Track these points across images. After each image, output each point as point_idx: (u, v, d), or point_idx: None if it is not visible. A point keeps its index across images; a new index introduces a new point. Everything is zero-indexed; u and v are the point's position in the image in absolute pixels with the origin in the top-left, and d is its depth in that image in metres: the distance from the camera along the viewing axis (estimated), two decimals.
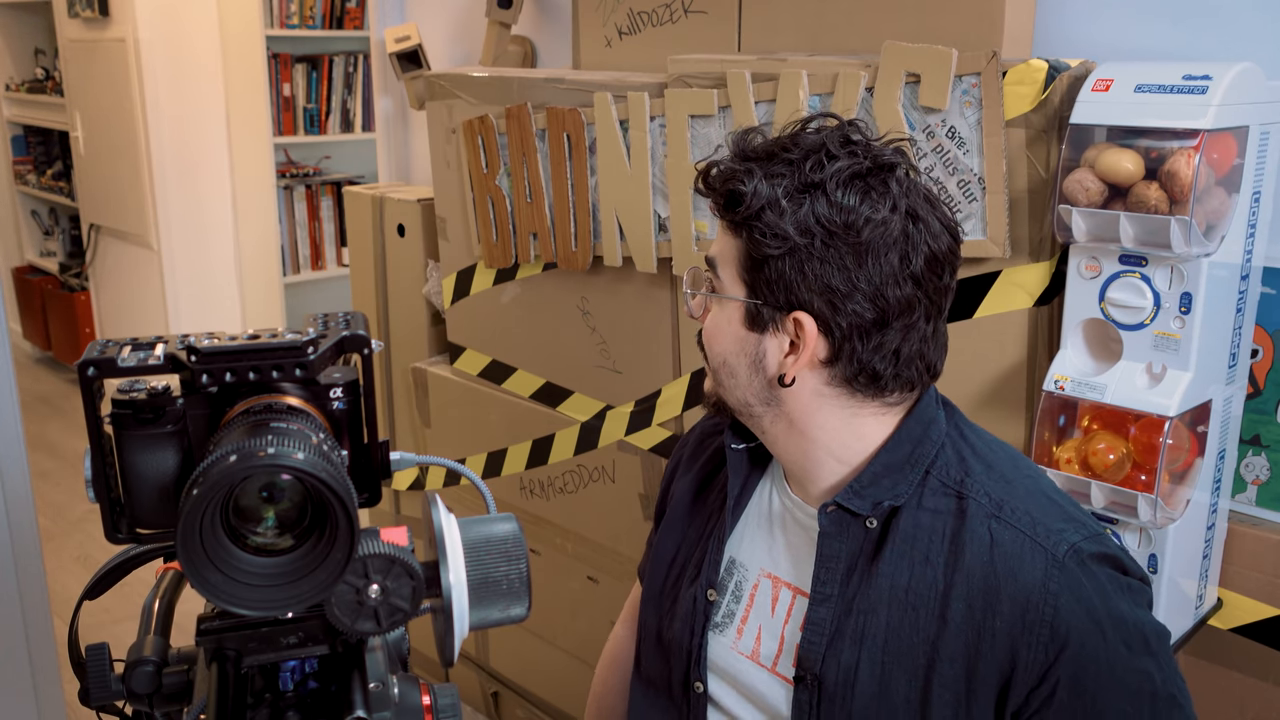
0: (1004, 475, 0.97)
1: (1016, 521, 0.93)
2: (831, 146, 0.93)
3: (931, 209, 0.95)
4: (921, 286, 0.93)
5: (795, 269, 0.92)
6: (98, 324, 4.65)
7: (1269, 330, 1.31)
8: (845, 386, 0.97)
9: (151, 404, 0.65)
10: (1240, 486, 1.35)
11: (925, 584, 0.94)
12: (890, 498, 0.97)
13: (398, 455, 0.75)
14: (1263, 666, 1.32)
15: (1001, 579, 0.91)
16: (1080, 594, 0.90)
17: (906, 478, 0.97)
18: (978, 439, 1.01)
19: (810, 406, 0.98)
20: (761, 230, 0.93)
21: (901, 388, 0.97)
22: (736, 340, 0.98)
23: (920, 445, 0.98)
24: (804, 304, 0.93)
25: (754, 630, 1.06)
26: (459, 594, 0.68)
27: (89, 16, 4.02)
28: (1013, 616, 0.90)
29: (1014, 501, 0.94)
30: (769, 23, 1.61)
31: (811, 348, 0.94)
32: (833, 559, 0.99)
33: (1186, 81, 1.14)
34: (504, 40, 2.08)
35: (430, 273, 2.20)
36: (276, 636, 0.68)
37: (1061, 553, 0.91)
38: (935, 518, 0.96)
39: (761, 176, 0.93)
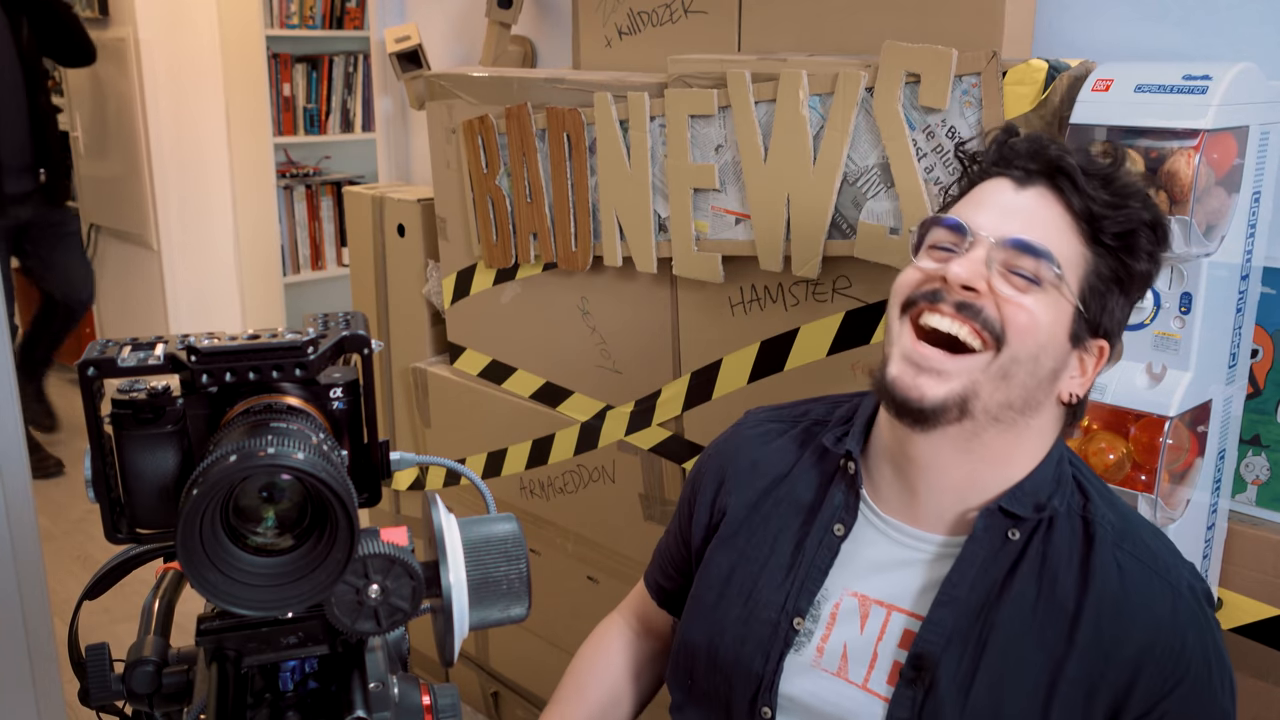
0: (1113, 504, 0.99)
1: (1138, 553, 0.95)
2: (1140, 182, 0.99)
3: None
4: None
5: (1122, 297, 0.96)
6: (98, 324, 4.64)
7: (1269, 330, 1.31)
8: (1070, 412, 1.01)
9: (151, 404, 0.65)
10: (1240, 486, 1.35)
11: (1054, 603, 0.94)
12: (1045, 509, 0.97)
13: (398, 455, 0.75)
14: (1263, 666, 1.32)
15: (1135, 607, 0.92)
16: (1201, 630, 0.93)
17: (1059, 492, 0.98)
18: (1083, 466, 1.03)
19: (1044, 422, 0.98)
20: (1128, 251, 0.95)
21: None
22: (1055, 344, 0.94)
23: (1060, 465, 1.00)
24: (1112, 333, 0.97)
25: (838, 648, 1.02)
26: (459, 594, 0.68)
27: (89, 16, 4.02)
28: (1143, 643, 0.91)
29: (1132, 532, 0.96)
30: (769, 23, 1.61)
31: (1097, 373, 0.98)
32: (969, 563, 0.97)
33: (1186, 81, 1.14)
34: (504, 40, 2.08)
35: (430, 273, 2.20)
36: (276, 636, 0.68)
37: (1183, 589, 0.93)
38: (1065, 539, 0.96)
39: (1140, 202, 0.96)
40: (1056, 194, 0.95)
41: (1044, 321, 0.93)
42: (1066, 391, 0.97)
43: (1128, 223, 0.94)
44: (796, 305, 1.55)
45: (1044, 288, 0.93)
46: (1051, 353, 0.94)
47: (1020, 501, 0.97)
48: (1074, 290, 0.94)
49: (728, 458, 1.16)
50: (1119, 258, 0.95)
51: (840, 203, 1.46)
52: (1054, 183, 0.96)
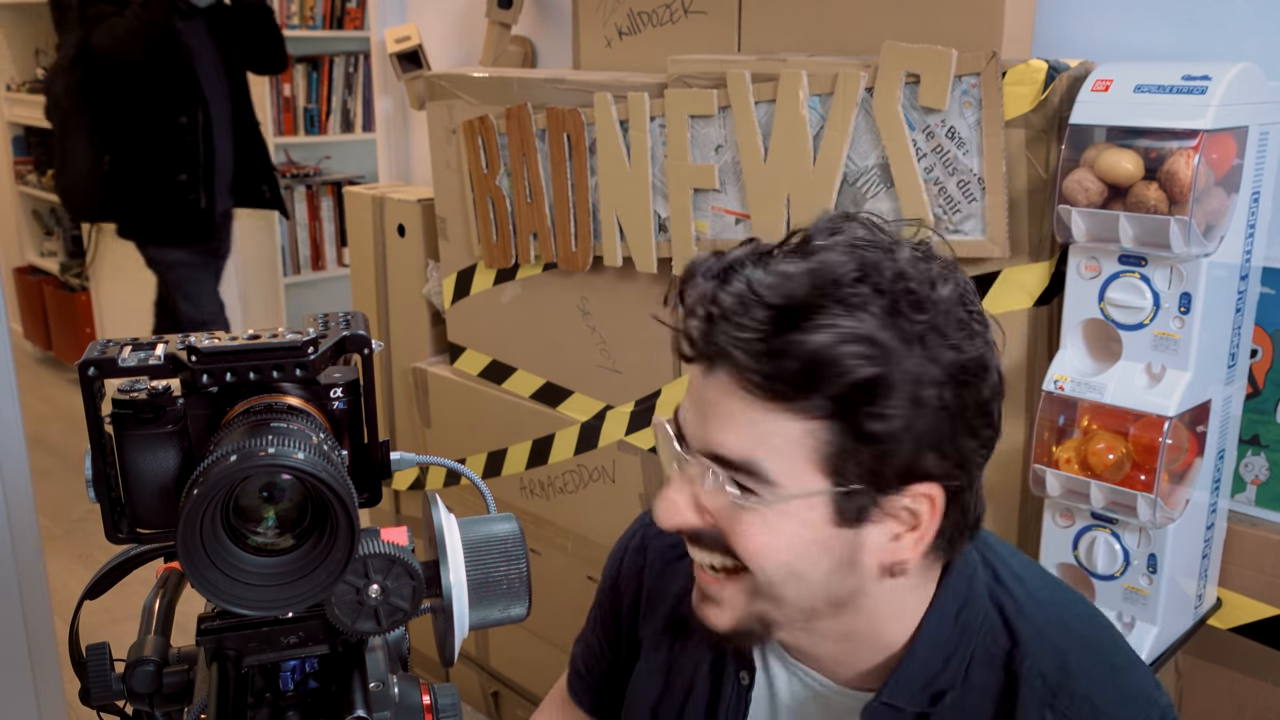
0: (1054, 642, 0.81)
1: (1074, 711, 0.78)
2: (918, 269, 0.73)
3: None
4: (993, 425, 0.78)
5: (912, 440, 0.71)
6: (98, 324, 4.64)
7: (1268, 330, 1.31)
8: (938, 555, 0.80)
9: (152, 404, 0.65)
10: (1240, 486, 1.36)
11: None
12: (945, 683, 0.81)
13: (398, 455, 0.75)
14: (1262, 666, 1.32)
15: None
16: None
17: (957, 653, 0.81)
18: (1013, 580, 0.84)
19: (900, 592, 0.80)
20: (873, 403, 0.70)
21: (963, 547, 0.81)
22: (812, 543, 0.75)
23: (967, 607, 0.82)
24: (931, 475, 0.73)
25: None
26: (459, 594, 0.68)
27: None
28: None
29: (1071, 685, 0.79)
30: (769, 23, 1.61)
31: (938, 513, 0.75)
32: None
33: (1186, 82, 1.14)
34: (504, 40, 2.08)
35: (430, 273, 2.20)
36: (277, 636, 0.68)
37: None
38: (984, 700, 0.81)
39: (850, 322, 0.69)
40: (736, 377, 0.73)
41: (773, 538, 0.75)
42: (886, 563, 0.77)
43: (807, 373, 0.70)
44: None
45: (765, 500, 0.74)
46: (819, 551, 0.75)
47: (905, 690, 0.81)
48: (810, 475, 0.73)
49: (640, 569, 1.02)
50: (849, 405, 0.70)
51: (840, 203, 1.46)
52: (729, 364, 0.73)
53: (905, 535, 0.76)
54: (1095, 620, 0.86)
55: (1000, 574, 0.84)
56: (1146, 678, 0.83)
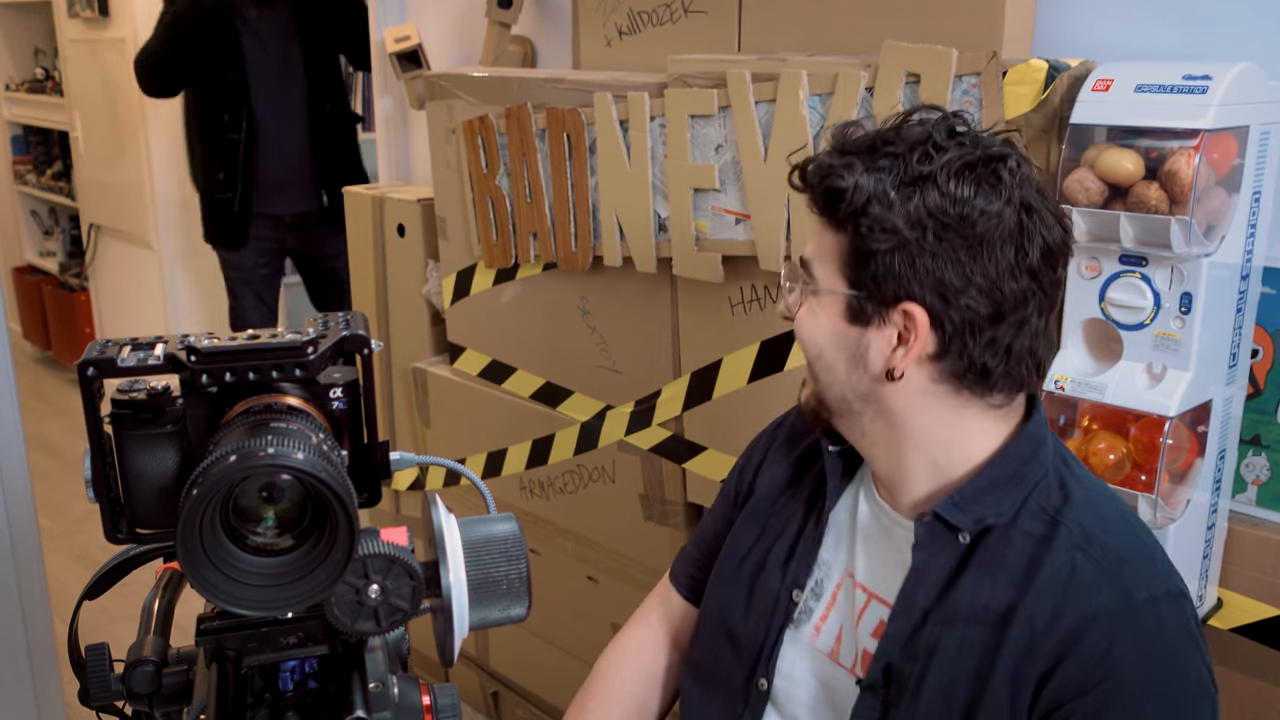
0: (1101, 511, 0.94)
1: (1102, 558, 0.90)
2: (938, 137, 0.91)
3: (1044, 200, 0.92)
4: (1037, 279, 0.91)
5: (905, 263, 0.89)
6: (98, 324, 4.65)
7: (1269, 330, 1.31)
8: (952, 383, 0.93)
9: (151, 404, 0.65)
10: (1240, 486, 1.35)
11: (1002, 603, 0.92)
12: (993, 515, 0.94)
13: (398, 455, 0.75)
14: (1263, 666, 1.32)
15: (1067, 607, 0.89)
16: (1142, 643, 0.88)
17: (1010, 496, 0.94)
18: (1082, 472, 0.98)
19: (915, 404, 0.95)
20: (869, 224, 0.90)
21: (1010, 387, 0.94)
22: (835, 334, 0.95)
23: (1028, 465, 0.95)
24: (915, 297, 0.90)
25: (834, 629, 1.04)
26: (459, 594, 0.68)
27: (89, 16, 4.02)
28: (1065, 639, 0.88)
29: (1105, 539, 0.91)
30: (769, 23, 1.61)
31: (923, 340, 0.91)
32: (923, 571, 0.96)
33: (1186, 81, 1.14)
34: (504, 40, 2.08)
35: (430, 273, 2.20)
36: (276, 636, 0.68)
37: (1140, 598, 0.89)
38: (1026, 540, 0.93)
39: (863, 170, 0.90)
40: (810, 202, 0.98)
41: (814, 322, 0.97)
42: (885, 367, 0.94)
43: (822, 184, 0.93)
44: None
45: (809, 293, 0.97)
46: (837, 342, 0.95)
47: (961, 510, 0.94)
48: (837, 278, 0.94)
49: (774, 436, 1.19)
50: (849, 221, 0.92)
51: None
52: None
53: (899, 346, 0.93)
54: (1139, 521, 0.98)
55: (1069, 461, 0.98)
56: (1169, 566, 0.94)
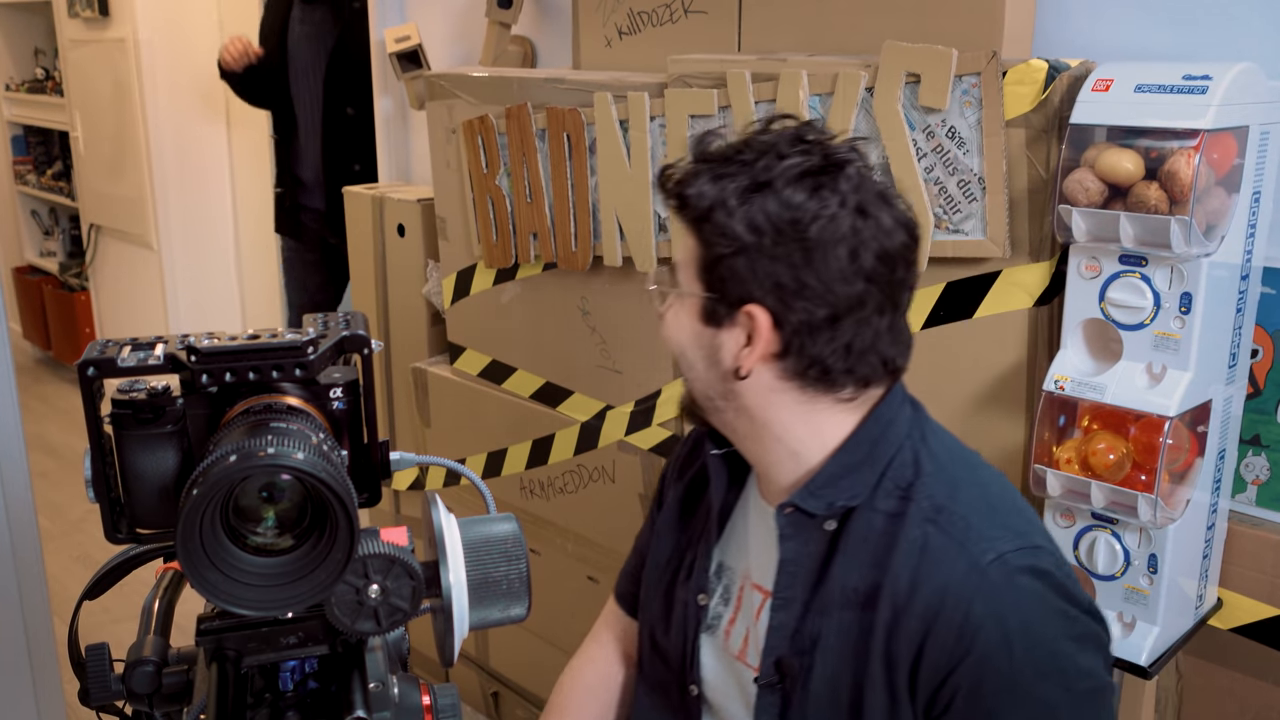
0: (953, 479, 0.96)
1: (950, 527, 0.92)
2: (783, 146, 0.94)
3: (885, 205, 0.94)
4: (872, 282, 0.93)
5: (747, 267, 0.93)
6: (98, 324, 4.65)
7: (1269, 330, 1.31)
8: (797, 380, 0.96)
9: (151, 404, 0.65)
10: (1240, 486, 1.35)
11: (864, 586, 0.94)
12: (846, 498, 0.97)
13: (398, 455, 0.75)
14: (1263, 666, 1.32)
15: (922, 580, 0.91)
16: (995, 603, 0.89)
17: (863, 478, 0.97)
18: (939, 443, 1.00)
19: (765, 401, 0.98)
20: (713, 230, 0.94)
21: (855, 383, 0.97)
22: (693, 334, 0.99)
23: (878, 445, 0.97)
24: (756, 299, 0.93)
25: (741, 632, 1.07)
26: (459, 594, 0.68)
27: (89, 16, 4.02)
28: (926, 615, 0.90)
29: (954, 507, 0.93)
30: (769, 23, 1.61)
31: (764, 341, 0.94)
32: (793, 562, 0.99)
33: (1186, 81, 1.14)
34: (504, 40, 2.08)
35: (430, 273, 2.20)
36: (276, 636, 0.68)
37: (986, 560, 0.90)
38: (882, 519, 0.95)
39: (710, 178, 0.94)
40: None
41: (677, 323, 1.01)
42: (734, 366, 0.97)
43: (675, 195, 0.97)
44: None
45: (671, 295, 1.01)
46: (695, 342, 0.99)
47: (814, 497, 0.97)
48: (694, 281, 0.97)
49: (680, 452, 1.22)
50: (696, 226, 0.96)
51: None
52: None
53: (746, 346, 0.95)
54: (996, 480, 1.00)
55: (927, 434, 1.00)
56: (1024, 522, 0.95)
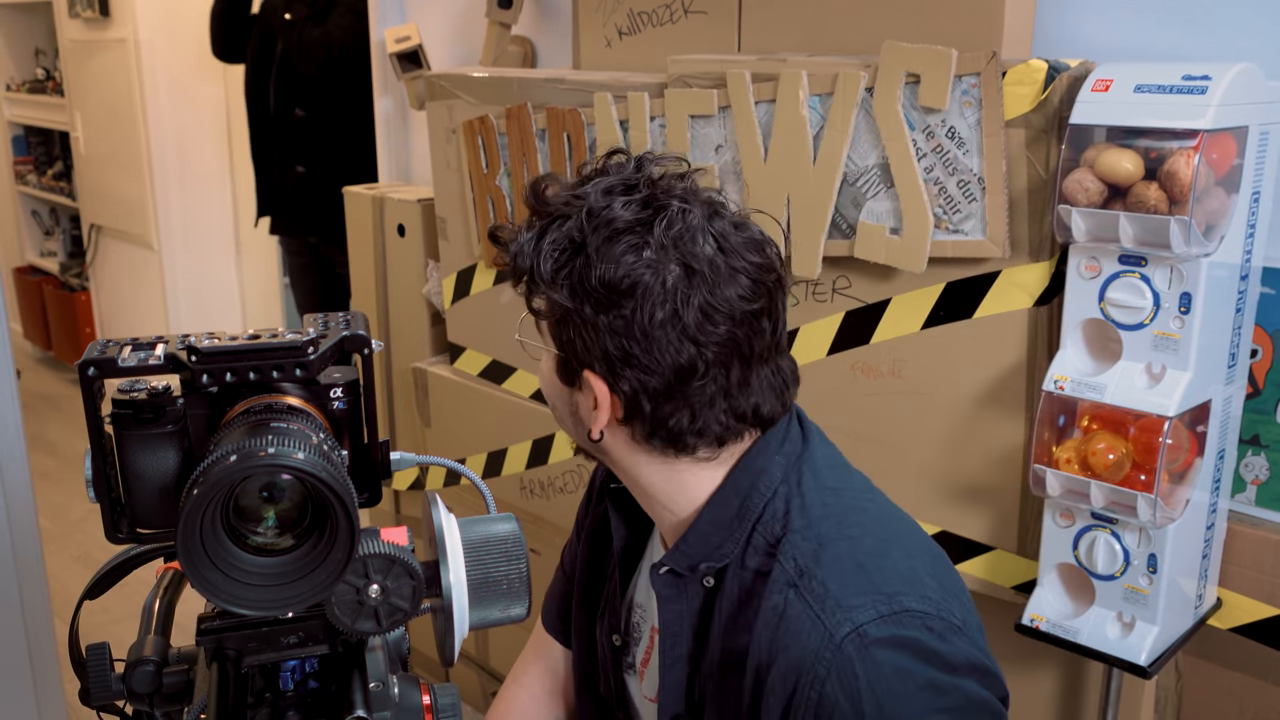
0: (821, 535, 0.88)
1: (810, 593, 0.84)
2: (595, 197, 0.87)
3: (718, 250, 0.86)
4: (701, 344, 0.85)
5: (576, 333, 0.87)
6: (98, 324, 4.65)
7: (1268, 330, 1.31)
8: (647, 444, 0.91)
9: (152, 404, 0.65)
10: (1240, 486, 1.36)
11: (740, 647, 0.88)
12: (716, 558, 0.91)
13: (398, 455, 0.75)
14: (1263, 666, 1.32)
15: (779, 652, 0.84)
16: (849, 682, 0.81)
17: (733, 535, 0.90)
18: (815, 487, 0.91)
19: (627, 461, 0.93)
20: (540, 295, 0.89)
21: (709, 444, 0.90)
22: (555, 390, 0.95)
23: (748, 498, 0.91)
24: (590, 366, 0.88)
25: (653, 674, 1.01)
26: (459, 594, 0.68)
27: (89, 16, 4.02)
28: (783, 691, 0.83)
29: (816, 569, 0.85)
30: (769, 23, 1.61)
31: (606, 406, 0.89)
32: (675, 623, 0.94)
33: (1186, 81, 1.14)
34: (504, 40, 2.08)
35: (430, 273, 2.20)
36: (277, 636, 0.68)
37: (841, 634, 0.82)
38: (751, 578, 0.89)
39: (534, 237, 0.88)
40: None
41: (543, 372, 0.97)
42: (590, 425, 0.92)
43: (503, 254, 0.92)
44: (796, 305, 1.55)
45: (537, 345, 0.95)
46: (558, 396, 0.95)
47: (685, 556, 0.92)
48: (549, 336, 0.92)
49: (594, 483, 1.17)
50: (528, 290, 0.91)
51: (840, 203, 1.46)
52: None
53: (594, 410, 0.90)
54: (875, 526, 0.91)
55: (804, 476, 0.92)
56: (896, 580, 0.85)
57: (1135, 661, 1.26)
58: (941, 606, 0.85)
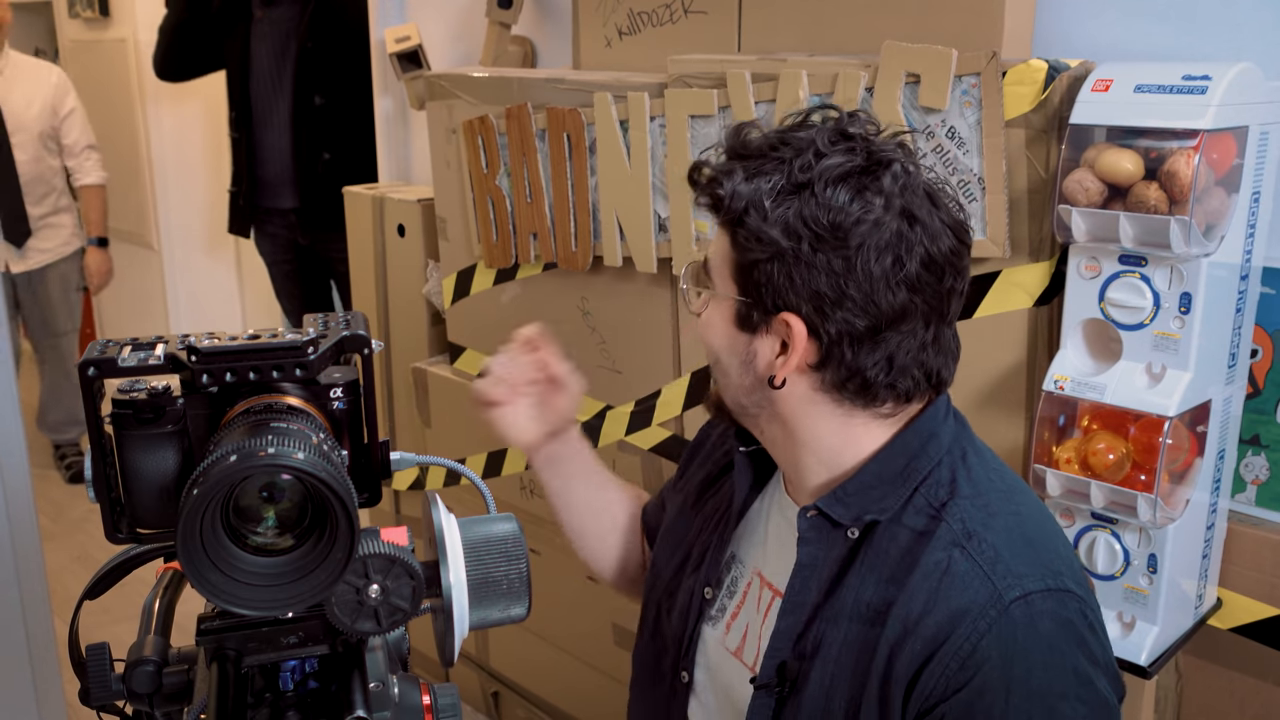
0: (989, 505, 0.91)
1: (979, 554, 0.87)
2: (822, 143, 0.89)
3: (933, 207, 0.89)
4: (918, 292, 0.88)
5: (783, 273, 0.88)
6: (98, 324, 4.65)
7: (1268, 330, 1.31)
8: (835, 392, 0.92)
9: (152, 404, 0.65)
10: (1240, 486, 1.36)
11: (881, 600, 0.90)
12: (875, 510, 0.93)
13: (398, 455, 0.75)
14: (1263, 666, 1.32)
15: (939, 603, 0.86)
16: (1008, 643, 0.84)
17: (896, 491, 0.93)
18: (980, 463, 0.95)
19: (800, 410, 0.94)
20: (746, 234, 0.89)
21: (896, 398, 0.92)
22: (728, 338, 0.95)
23: (916, 459, 0.93)
24: (792, 307, 0.89)
25: (741, 627, 1.05)
26: (459, 594, 0.68)
27: (89, 16, 4.02)
28: (934, 638, 0.85)
29: (985, 534, 0.88)
30: (769, 23, 1.61)
31: (800, 351, 0.90)
32: (810, 566, 0.96)
33: (1186, 81, 1.14)
34: (504, 40, 2.08)
35: (430, 273, 2.20)
36: (276, 636, 0.68)
37: (1010, 597, 0.85)
38: (908, 535, 0.91)
39: (744, 177, 0.90)
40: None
41: (708, 324, 0.97)
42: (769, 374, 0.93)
43: (707, 193, 0.93)
44: None
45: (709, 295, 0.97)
46: (729, 346, 0.96)
47: (843, 504, 0.94)
48: (729, 283, 0.93)
49: (710, 433, 1.20)
50: (730, 228, 0.92)
51: None
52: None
53: (781, 355, 0.92)
54: (1036, 512, 0.94)
55: (968, 452, 0.95)
56: (1059, 561, 0.90)
57: (1135, 661, 1.26)
58: (1093, 601, 0.90)
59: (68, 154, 3.61)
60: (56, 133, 3.57)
